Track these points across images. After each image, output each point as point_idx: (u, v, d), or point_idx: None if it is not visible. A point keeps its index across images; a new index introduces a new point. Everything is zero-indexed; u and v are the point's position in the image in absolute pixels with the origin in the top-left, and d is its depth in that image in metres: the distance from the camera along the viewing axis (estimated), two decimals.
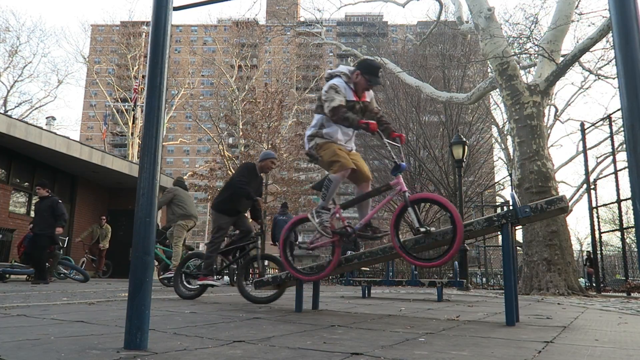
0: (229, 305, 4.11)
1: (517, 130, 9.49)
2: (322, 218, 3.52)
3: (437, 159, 20.33)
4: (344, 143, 3.65)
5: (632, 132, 1.33)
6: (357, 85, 3.58)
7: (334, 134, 3.57)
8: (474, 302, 5.55)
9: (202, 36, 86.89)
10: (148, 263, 1.85)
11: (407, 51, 27.54)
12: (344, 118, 3.38)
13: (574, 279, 8.69)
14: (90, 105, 74.51)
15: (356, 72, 3.57)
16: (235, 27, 47.09)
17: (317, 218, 3.53)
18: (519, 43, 13.90)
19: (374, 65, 3.60)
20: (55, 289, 6.11)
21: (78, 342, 1.86)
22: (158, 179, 1.93)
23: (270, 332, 2.35)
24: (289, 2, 24.19)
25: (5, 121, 10.19)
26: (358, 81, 3.56)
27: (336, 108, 3.40)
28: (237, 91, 33.86)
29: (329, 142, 3.55)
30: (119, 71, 52.97)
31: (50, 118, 27.68)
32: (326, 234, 3.48)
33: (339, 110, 3.40)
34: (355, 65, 3.70)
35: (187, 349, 1.79)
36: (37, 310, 3.20)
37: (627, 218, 12.32)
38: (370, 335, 2.30)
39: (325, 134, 3.56)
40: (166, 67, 2.01)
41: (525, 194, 9.00)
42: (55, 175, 13.47)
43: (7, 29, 46.81)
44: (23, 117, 31.94)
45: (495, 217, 3.18)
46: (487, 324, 3.00)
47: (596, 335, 2.57)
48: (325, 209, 3.55)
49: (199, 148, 79.09)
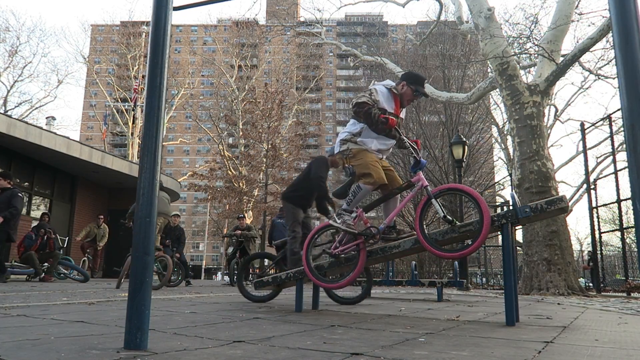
0: (229, 305, 4.11)
1: (517, 130, 9.49)
2: (344, 218, 3.50)
3: (437, 159, 20.33)
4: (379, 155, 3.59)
5: (632, 132, 1.33)
6: (402, 97, 3.59)
7: (369, 143, 3.52)
8: (474, 302, 5.55)
9: (202, 36, 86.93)
10: (148, 263, 1.85)
11: (407, 51, 27.56)
12: (367, 113, 3.38)
13: (574, 279, 8.69)
14: (90, 105, 74.55)
15: (402, 83, 3.59)
16: (235, 27, 47.11)
17: (340, 219, 3.52)
18: (519, 43, 13.91)
19: (420, 76, 3.67)
20: (55, 289, 6.11)
21: (78, 342, 1.86)
22: (158, 179, 1.93)
23: (270, 332, 2.35)
24: (289, 2, 24.21)
25: (5, 121, 10.19)
26: (404, 92, 3.58)
27: (361, 103, 3.41)
28: (237, 91, 33.88)
29: (363, 150, 3.51)
30: (119, 71, 53.00)
31: (50, 118, 27.70)
32: (352, 230, 3.44)
33: (364, 105, 3.40)
34: (401, 77, 3.71)
35: (187, 349, 1.79)
36: (37, 310, 3.20)
37: (627, 218, 12.32)
38: (370, 335, 2.30)
39: (360, 141, 3.52)
40: (166, 67, 2.01)
41: (525, 194, 9.00)
42: (55, 175, 13.47)
43: (7, 29, 46.88)
44: (23, 117, 31.96)
45: (495, 217, 3.18)
46: (487, 324, 3.00)
47: (596, 335, 2.57)
48: (348, 212, 3.54)
49: (199, 148, 79.14)
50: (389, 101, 3.55)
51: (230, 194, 22.02)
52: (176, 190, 16.94)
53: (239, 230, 10.66)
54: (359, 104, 3.41)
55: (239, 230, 10.69)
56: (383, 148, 3.60)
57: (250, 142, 24.83)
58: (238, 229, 10.76)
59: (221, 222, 36.95)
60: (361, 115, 3.44)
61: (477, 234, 3.06)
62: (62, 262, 9.56)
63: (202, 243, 69.48)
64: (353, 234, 3.45)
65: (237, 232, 10.65)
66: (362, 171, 3.43)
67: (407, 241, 3.49)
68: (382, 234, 3.46)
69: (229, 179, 23.76)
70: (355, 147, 3.52)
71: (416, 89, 3.55)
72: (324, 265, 3.73)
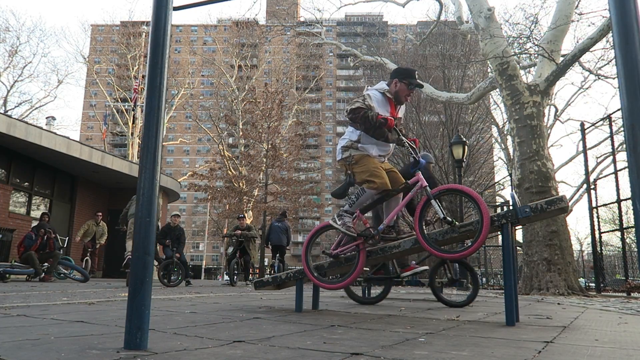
0: (229, 305, 4.11)
1: (517, 130, 9.49)
2: (344, 220, 3.51)
3: (437, 159, 20.32)
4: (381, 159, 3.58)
5: (632, 132, 1.33)
6: (399, 94, 3.56)
7: (370, 149, 3.51)
8: (474, 302, 5.55)
9: (202, 36, 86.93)
10: (148, 263, 1.85)
11: (407, 51, 27.55)
12: (364, 117, 3.35)
13: (574, 279, 8.70)
14: (90, 105, 74.53)
15: (394, 81, 3.56)
16: (235, 27, 47.11)
17: (340, 220, 3.52)
18: (519, 43, 13.90)
19: (409, 69, 3.66)
20: (55, 289, 6.11)
21: (78, 342, 1.86)
22: (158, 179, 1.93)
23: (270, 332, 2.35)
24: (289, 2, 24.22)
25: (5, 121, 10.20)
26: (399, 89, 3.55)
27: (356, 109, 3.37)
28: (237, 91, 33.90)
29: (365, 156, 3.50)
30: (119, 71, 52.98)
31: (50, 118, 27.69)
32: (351, 233, 3.45)
33: (359, 110, 3.36)
34: (390, 76, 3.67)
35: (187, 349, 1.79)
36: (37, 310, 3.20)
37: (627, 218, 12.31)
38: (370, 335, 2.30)
39: (361, 147, 3.50)
40: (166, 67, 2.01)
41: (525, 194, 9.00)
42: (55, 175, 13.48)
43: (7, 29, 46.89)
44: (23, 117, 31.97)
45: (496, 217, 3.18)
46: (487, 324, 3.00)
47: (596, 335, 2.57)
48: (348, 213, 3.54)
49: (199, 148, 79.13)
50: (384, 105, 3.52)
51: (230, 194, 22.02)
52: (176, 190, 16.95)
53: (239, 230, 10.66)
54: (353, 110, 3.38)
55: (239, 230, 10.69)
56: (383, 153, 3.60)
57: (250, 142, 24.83)
58: (238, 229, 10.76)
59: (221, 222, 36.96)
60: (358, 121, 3.40)
61: (477, 235, 3.06)
62: (62, 262, 9.56)
63: (202, 243, 69.46)
64: (352, 236, 3.46)
65: (237, 232, 10.64)
66: (366, 177, 3.41)
67: (407, 241, 3.49)
68: (381, 234, 3.46)
69: (229, 179, 23.76)
70: (357, 153, 3.51)
71: (409, 82, 3.53)
72: (324, 265, 3.73)
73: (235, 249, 10.76)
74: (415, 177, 3.39)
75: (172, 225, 9.63)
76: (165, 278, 8.66)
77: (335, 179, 28.26)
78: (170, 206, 19.45)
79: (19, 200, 12.39)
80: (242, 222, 10.99)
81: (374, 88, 3.63)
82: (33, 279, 8.91)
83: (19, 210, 12.30)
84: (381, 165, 3.54)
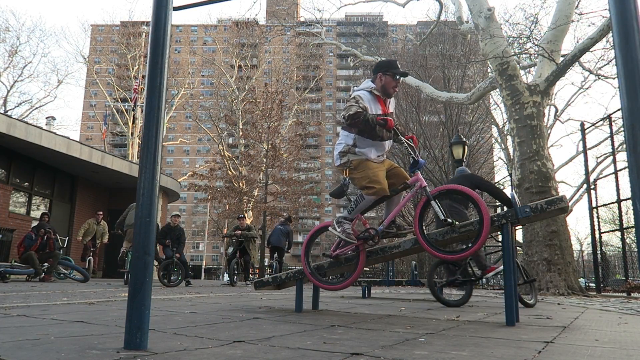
0: (229, 305, 4.11)
1: (517, 130, 9.49)
2: (344, 227, 3.48)
3: (437, 159, 20.34)
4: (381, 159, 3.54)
5: (632, 132, 1.33)
6: (386, 87, 3.48)
7: (368, 152, 3.44)
8: (474, 302, 5.55)
9: (202, 36, 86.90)
10: (148, 263, 1.85)
11: (407, 51, 27.55)
12: (364, 121, 3.29)
13: (574, 279, 8.69)
14: (90, 105, 74.53)
15: (378, 76, 3.49)
16: (235, 27, 47.12)
17: (339, 227, 3.49)
18: (519, 43, 13.90)
19: (390, 60, 3.60)
20: (55, 289, 6.11)
21: (78, 342, 1.86)
22: (158, 179, 1.93)
23: (270, 332, 2.35)
24: (289, 2, 24.22)
25: (5, 121, 10.19)
26: (385, 82, 3.47)
27: (354, 114, 3.29)
28: (237, 91, 33.89)
29: (364, 160, 3.43)
30: (119, 71, 52.93)
31: (50, 118, 27.64)
32: (351, 241, 3.43)
33: (357, 116, 3.29)
34: (373, 71, 3.60)
35: (187, 349, 1.79)
36: (37, 310, 3.20)
37: (627, 218, 12.32)
38: (370, 335, 2.30)
39: (359, 152, 3.44)
40: (166, 67, 2.01)
41: (525, 194, 9.00)
42: (55, 175, 13.48)
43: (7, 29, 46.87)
44: (23, 117, 31.98)
45: (495, 217, 3.18)
46: (487, 324, 3.00)
47: (596, 335, 2.57)
48: (347, 220, 3.51)
49: (199, 148, 79.12)
50: (375, 104, 3.47)
51: (230, 194, 22.03)
52: (176, 190, 16.95)
53: (239, 231, 10.66)
54: (352, 116, 3.30)
55: (239, 230, 10.69)
56: (381, 153, 3.55)
57: (250, 142, 24.83)
58: (238, 229, 10.76)
59: (221, 222, 36.95)
60: (359, 126, 3.35)
61: (477, 235, 3.06)
62: (62, 262, 9.55)
63: (202, 243, 69.47)
64: (352, 244, 3.46)
65: (237, 232, 10.65)
66: (365, 184, 3.36)
67: (407, 241, 3.49)
68: (381, 233, 3.45)
69: (229, 179, 23.77)
70: (355, 158, 3.43)
71: (393, 72, 3.46)
72: (324, 265, 3.73)
73: (235, 249, 10.76)
74: (415, 177, 3.37)
75: (172, 225, 9.63)
76: (165, 278, 8.67)
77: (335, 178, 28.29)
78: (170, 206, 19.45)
79: (19, 200, 12.39)
80: (242, 222, 11.00)
81: (360, 88, 3.56)
82: (33, 279, 8.91)
83: (19, 210, 12.29)
84: (382, 166, 3.49)
